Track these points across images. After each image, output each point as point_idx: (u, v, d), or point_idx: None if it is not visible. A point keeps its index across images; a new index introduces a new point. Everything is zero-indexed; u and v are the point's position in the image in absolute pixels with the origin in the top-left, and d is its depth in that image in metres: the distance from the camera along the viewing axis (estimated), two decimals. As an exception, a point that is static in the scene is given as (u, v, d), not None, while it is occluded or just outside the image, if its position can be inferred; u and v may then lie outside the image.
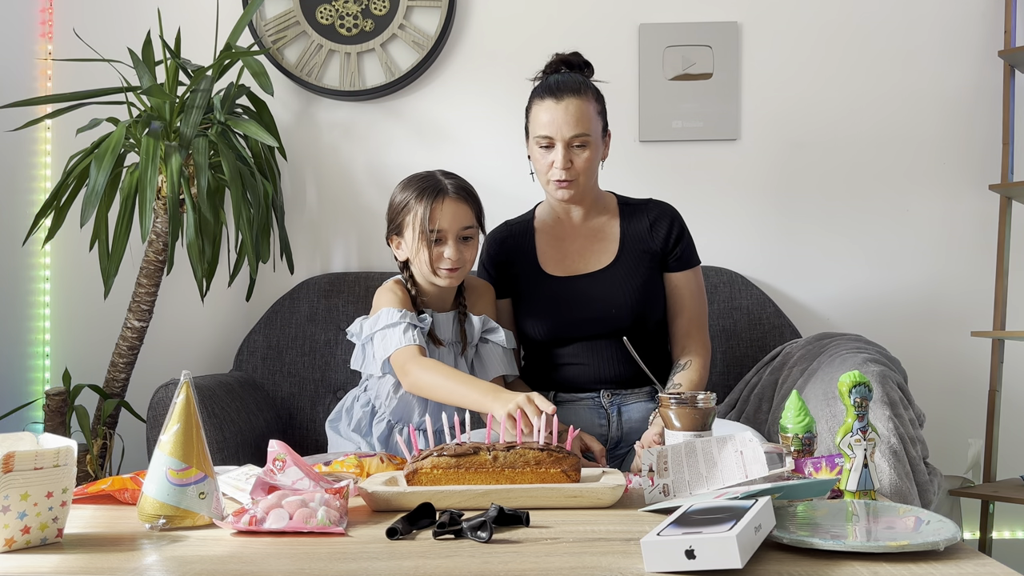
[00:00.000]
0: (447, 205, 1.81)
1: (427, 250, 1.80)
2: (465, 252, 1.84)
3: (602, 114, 1.88)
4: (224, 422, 2.00)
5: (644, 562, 1.00)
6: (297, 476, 1.31)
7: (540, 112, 1.84)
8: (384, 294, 1.88)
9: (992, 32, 2.53)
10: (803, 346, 2.08)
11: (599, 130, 1.86)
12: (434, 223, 1.79)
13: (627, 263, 1.92)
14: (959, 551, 1.05)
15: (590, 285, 1.91)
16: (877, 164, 2.55)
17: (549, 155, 1.84)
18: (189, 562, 1.06)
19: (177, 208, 2.11)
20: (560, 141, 1.82)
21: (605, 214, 1.98)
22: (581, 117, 1.81)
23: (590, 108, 1.83)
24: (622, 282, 1.90)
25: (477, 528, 1.15)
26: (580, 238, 1.96)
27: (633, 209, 1.98)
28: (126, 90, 2.24)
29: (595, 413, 1.91)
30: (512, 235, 2.01)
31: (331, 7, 2.55)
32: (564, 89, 1.82)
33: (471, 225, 1.84)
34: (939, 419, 2.45)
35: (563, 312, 1.90)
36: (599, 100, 1.88)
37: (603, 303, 1.89)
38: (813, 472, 1.37)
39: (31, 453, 1.12)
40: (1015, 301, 2.51)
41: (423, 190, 1.82)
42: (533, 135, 1.86)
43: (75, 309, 2.57)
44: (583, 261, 1.95)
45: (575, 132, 1.81)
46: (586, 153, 1.83)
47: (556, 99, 1.82)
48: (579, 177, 1.84)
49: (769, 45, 2.56)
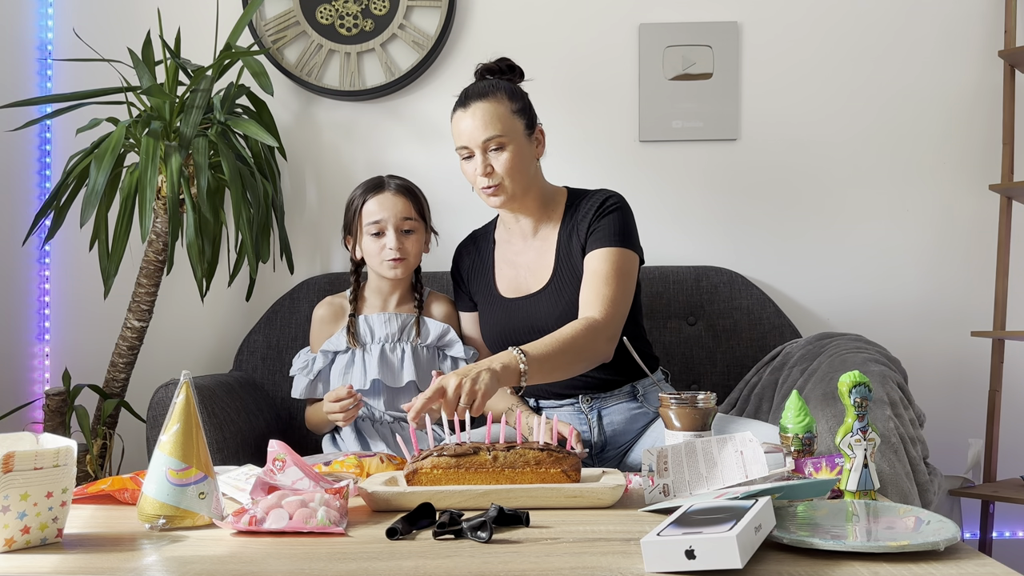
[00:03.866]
0: (386, 197, 1.96)
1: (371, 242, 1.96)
2: (407, 243, 1.96)
3: (522, 112, 1.83)
4: (224, 422, 2.00)
5: (644, 562, 1.00)
6: (297, 476, 1.31)
7: (455, 125, 1.83)
8: (312, 323, 2.09)
9: (992, 32, 2.53)
10: (803, 346, 2.08)
11: (518, 129, 1.81)
12: (374, 215, 1.95)
13: (560, 281, 1.87)
14: (959, 551, 1.05)
15: (534, 305, 1.88)
16: (877, 164, 2.55)
17: (471, 165, 1.82)
18: (189, 562, 1.06)
19: (177, 208, 2.11)
20: (477, 148, 1.80)
21: (552, 218, 1.92)
22: (490, 119, 1.78)
23: (501, 108, 1.80)
24: (554, 304, 1.85)
25: (477, 528, 1.15)
26: (531, 252, 1.93)
27: (579, 205, 1.89)
28: (126, 90, 2.24)
29: (576, 419, 1.89)
30: (475, 249, 2.01)
31: (331, 7, 2.55)
32: (471, 96, 1.82)
33: (410, 217, 1.97)
34: (939, 419, 2.45)
35: (510, 332, 1.89)
36: (515, 98, 1.83)
37: (544, 323, 1.84)
38: (813, 472, 1.37)
39: (31, 453, 1.12)
40: (1015, 301, 2.51)
41: (367, 188, 1.99)
42: (455, 147, 1.85)
43: (75, 309, 2.57)
44: (531, 278, 1.91)
45: (486, 135, 1.78)
46: (504, 154, 1.79)
47: (464, 108, 1.81)
48: (503, 180, 1.80)
49: (769, 45, 2.56)
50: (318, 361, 2.01)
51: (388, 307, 2.04)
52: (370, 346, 1.98)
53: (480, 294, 1.98)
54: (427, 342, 1.99)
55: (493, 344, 1.95)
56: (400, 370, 1.96)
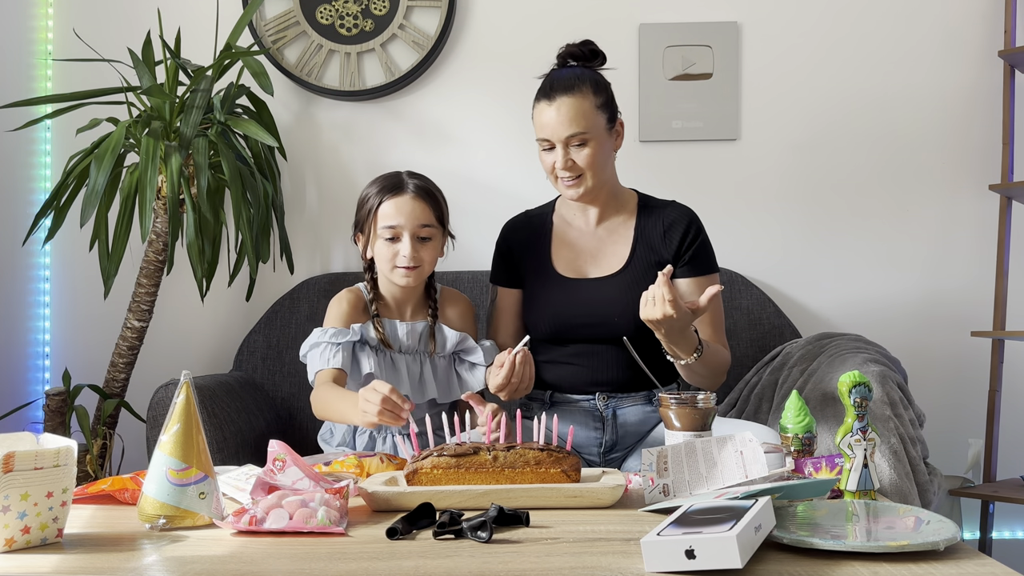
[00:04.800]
0: (405, 201, 1.83)
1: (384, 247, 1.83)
2: (423, 252, 1.84)
3: (605, 106, 1.83)
4: (224, 422, 2.00)
5: (644, 562, 1.00)
6: (297, 476, 1.31)
7: (537, 115, 1.82)
8: (332, 306, 1.91)
9: (992, 32, 2.53)
10: (803, 346, 2.08)
11: (601, 124, 1.81)
12: (390, 219, 1.82)
13: (636, 270, 1.88)
14: (959, 551, 1.05)
15: (596, 290, 1.88)
16: (877, 164, 2.55)
17: (550, 157, 1.82)
18: (189, 562, 1.06)
19: (177, 208, 2.11)
20: (558, 142, 1.80)
21: (622, 213, 1.93)
22: (575, 116, 1.78)
23: (586, 104, 1.79)
24: (628, 290, 1.85)
25: (477, 528, 1.15)
26: (594, 239, 1.93)
27: (651, 211, 1.93)
28: (126, 90, 2.24)
29: (590, 416, 1.89)
30: (529, 226, 1.98)
31: (331, 7, 2.55)
32: (556, 88, 1.80)
33: (429, 224, 1.84)
34: (939, 419, 2.45)
35: (566, 313, 1.88)
36: (600, 91, 1.82)
37: (607, 309, 1.85)
38: (813, 472, 1.37)
39: (31, 453, 1.12)
40: (1015, 301, 2.51)
41: (384, 187, 1.85)
42: (536, 138, 1.85)
43: (75, 309, 2.57)
44: (594, 264, 1.91)
45: (570, 132, 1.78)
46: (586, 150, 1.80)
47: (549, 100, 1.80)
48: (584, 174, 1.82)
49: (769, 45, 2.56)
50: (349, 334, 1.83)
51: (404, 315, 1.92)
52: (395, 355, 1.88)
53: (533, 271, 1.94)
54: (444, 352, 1.91)
55: (540, 321, 1.90)
56: (421, 386, 1.88)
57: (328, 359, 1.79)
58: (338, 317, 1.88)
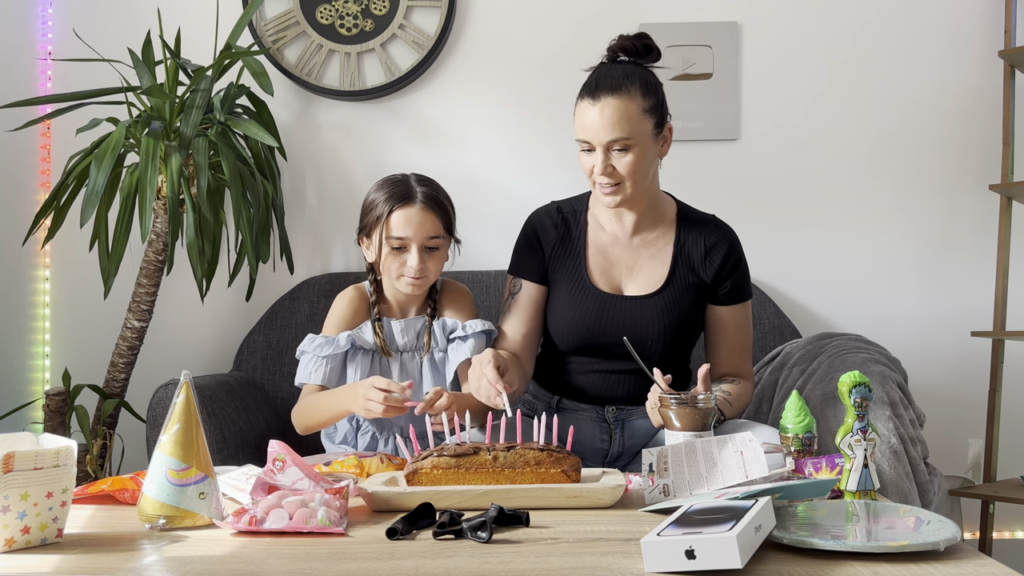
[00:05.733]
0: (414, 213, 1.78)
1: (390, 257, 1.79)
2: (430, 262, 1.80)
3: (654, 110, 1.70)
4: (224, 422, 2.00)
5: (644, 562, 1.00)
6: (297, 476, 1.31)
7: (579, 114, 1.70)
8: (335, 305, 1.89)
9: (992, 32, 2.53)
10: (803, 346, 2.09)
11: (647, 130, 1.69)
12: (398, 230, 1.78)
13: (673, 294, 1.79)
14: (959, 551, 1.05)
15: (631, 310, 1.79)
16: (877, 164, 2.55)
17: (589, 159, 1.71)
18: (189, 562, 1.06)
19: (177, 208, 2.11)
20: (598, 146, 1.68)
21: (661, 225, 1.83)
22: (619, 120, 1.65)
23: (632, 107, 1.66)
24: (663, 315, 1.78)
25: (477, 528, 1.15)
26: (629, 250, 1.82)
27: (692, 225, 1.83)
28: (126, 90, 2.24)
29: (597, 427, 1.85)
30: (563, 223, 1.85)
31: (331, 7, 2.55)
32: (602, 88, 1.67)
33: (438, 235, 1.80)
34: (939, 419, 2.45)
35: (599, 331, 1.79)
36: (649, 93, 1.69)
37: (642, 333, 1.77)
38: (813, 472, 1.37)
39: (31, 453, 1.12)
40: (1015, 301, 2.51)
41: (391, 195, 1.79)
42: (576, 137, 1.73)
43: (75, 309, 2.57)
44: (630, 279, 1.81)
45: (612, 136, 1.66)
46: (628, 157, 1.68)
47: (593, 99, 1.67)
48: (624, 182, 1.70)
49: (769, 45, 2.56)
50: (342, 341, 1.82)
51: (407, 314, 1.91)
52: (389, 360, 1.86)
53: (565, 275, 1.83)
54: (441, 347, 1.87)
55: (569, 332, 1.81)
56: (420, 385, 1.85)
57: (310, 373, 1.82)
58: (338, 320, 1.87)
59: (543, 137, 2.56)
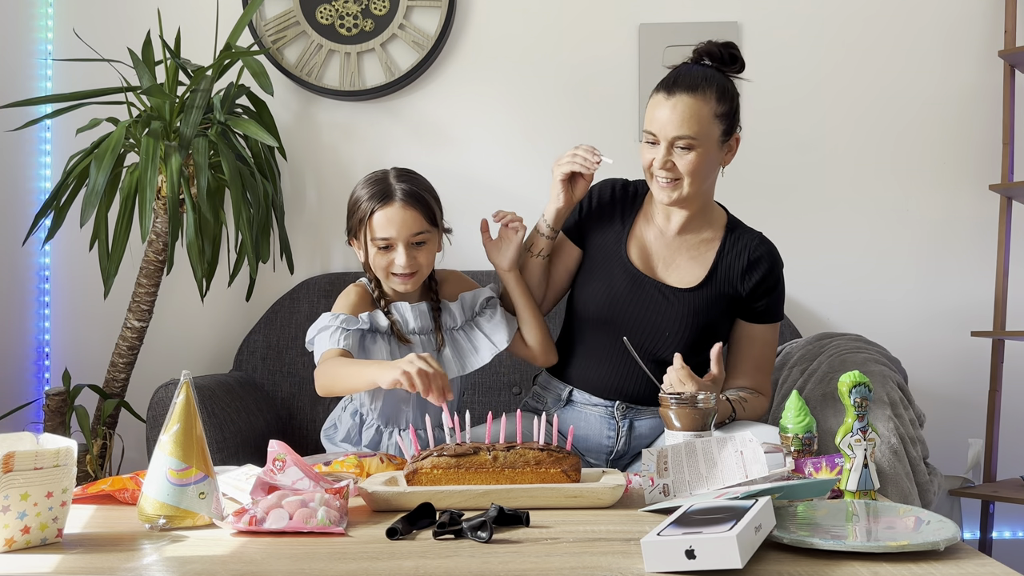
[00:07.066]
0: (395, 212, 1.75)
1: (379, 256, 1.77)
2: (419, 256, 1.78)
3: (725, 116, 1.71)
4: (224, 422, 2.00)
5: (644, 562, 1.00)
6: (297, 476, 1.31)
7: (651, 106, 1.72)
8: (342, 297, 1.86)
9: (992, 32, 2.53)
10: (803, 346, 2.09)
11: (714, 134, 1.69)
12: (382, 231, 1.75)
13: (706, 296, 1.79)
14: (959, 551, 1.05)
15: (659, 296, 1.79)
16: (877, 164, 2.55)
17: (651, 152, 1.71)
18: (189, 562, 1.06)
19: (177, 208, 2.11)
20: (664, 140, 1.68)
21: (706, 230, 1.83)
22: (689, 118, 1.66)
23: (705, 109, 1.67)
24: (691, 314, 1.78)
25: (477, 528, 1.15)
26: (671, 248, 1.83)
27: (738, 237, 1.83)
28: (126, 90, 2.24)
29: (605, 423, 1.85)
30: (623, 198, 1.87)
31: (331, 7, 2.55)
32: (679, 84, 1.68)
33: (422, 231, 1.77)
34: (939, 419, 2.45)
35: (624, 301, 1.80)
36: (724, 100, 1.70)
37: (664, 322, 1.78)
38: (813, 472, 1.37)
39: (31, 453, 1.12)
40: (1015, 301, 2.51)
41: (372, 195, 1.77)
42: (643, 128, 1.74)
43: (75, 309, 2.57)
44: (664, 269, 1.83)
45: (678, 133, 1.67)
46: (690, 156, 1.68)
47: (667, 95, 1.68)
48: (682, 179, 1.70)
49: (769, 45, 2.56)
50: (364, 317, 1.78)
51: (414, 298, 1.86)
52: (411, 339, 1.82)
53: (604, 244, 1.85)
54: (455, 325, 1.84)
55: (594, 298, 1.83)
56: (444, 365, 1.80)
57: (338, 340, 1.73)
58: (346, 308, 1.83)
59: (543, 137, 2.56)
